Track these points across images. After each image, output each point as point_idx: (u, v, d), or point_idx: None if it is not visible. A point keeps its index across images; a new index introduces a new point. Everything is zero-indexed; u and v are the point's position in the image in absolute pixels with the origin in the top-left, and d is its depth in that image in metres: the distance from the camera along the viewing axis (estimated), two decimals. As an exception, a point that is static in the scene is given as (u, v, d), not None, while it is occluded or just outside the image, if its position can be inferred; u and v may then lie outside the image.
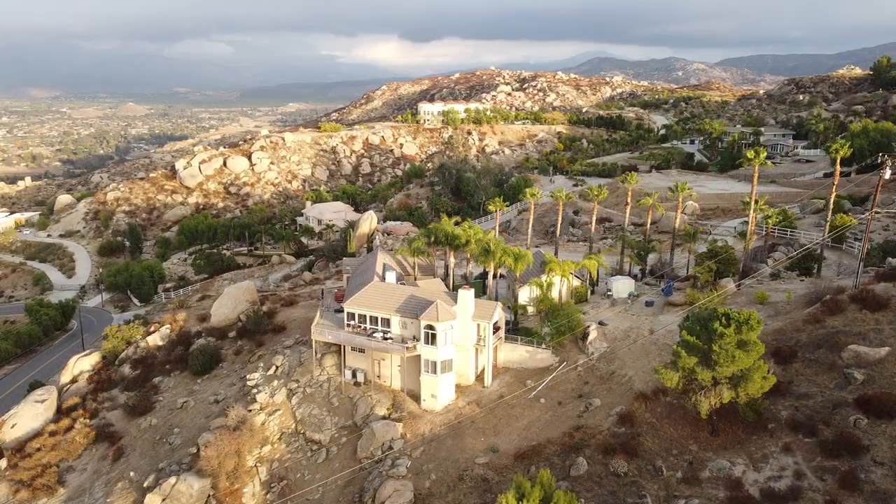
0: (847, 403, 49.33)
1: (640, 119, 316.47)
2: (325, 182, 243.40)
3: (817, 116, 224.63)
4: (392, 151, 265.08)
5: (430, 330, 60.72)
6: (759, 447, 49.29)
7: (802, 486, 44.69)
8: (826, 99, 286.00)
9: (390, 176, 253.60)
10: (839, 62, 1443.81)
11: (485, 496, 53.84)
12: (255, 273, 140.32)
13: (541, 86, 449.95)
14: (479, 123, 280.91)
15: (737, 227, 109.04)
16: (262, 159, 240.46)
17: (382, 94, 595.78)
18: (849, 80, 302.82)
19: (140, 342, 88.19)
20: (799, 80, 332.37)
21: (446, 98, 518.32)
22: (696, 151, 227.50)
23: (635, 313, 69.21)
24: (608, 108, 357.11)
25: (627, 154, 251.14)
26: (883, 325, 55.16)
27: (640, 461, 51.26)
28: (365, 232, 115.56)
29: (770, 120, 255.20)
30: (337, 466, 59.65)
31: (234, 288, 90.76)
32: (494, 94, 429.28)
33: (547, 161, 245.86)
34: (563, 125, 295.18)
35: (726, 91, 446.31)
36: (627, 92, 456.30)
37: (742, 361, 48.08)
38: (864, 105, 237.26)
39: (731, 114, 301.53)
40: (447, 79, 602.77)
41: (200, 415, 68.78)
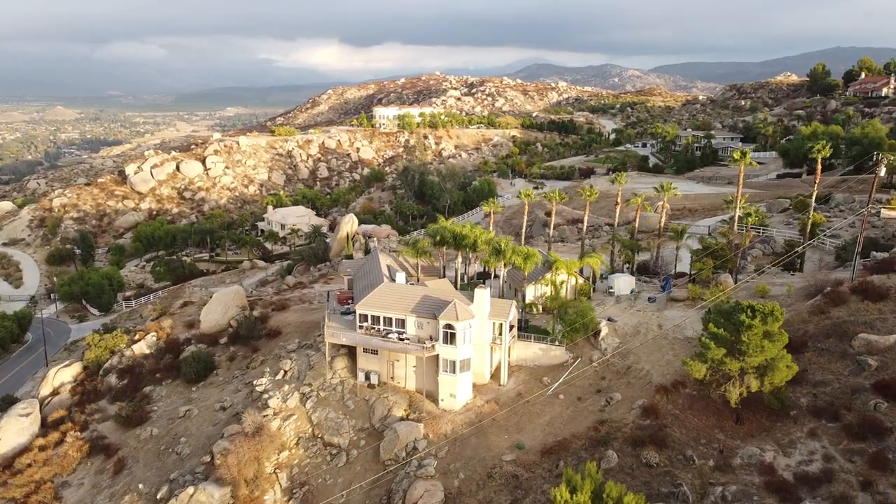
0: (865, 389, 51.81)
1: (591, 123, 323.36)
2: (283, 186, 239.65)
3: (764, 121, 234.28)
4: (349, 155, 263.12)
5: (449, 329, 60.73)
6: (784, 433, 51.25)
7: (834, 468, 46.72)
8: (766, 104, 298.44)
9: (348, 180, 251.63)
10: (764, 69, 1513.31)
11: (515, 493, 54.22)
12: (226, 279, 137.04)
13: (489, 91, 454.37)
14: (434, 127, 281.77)
15: (711, 226, 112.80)
16: (217, 164, 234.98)
17: (328, 99, 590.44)
18: (786, 86, 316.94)
19: (125, 351, 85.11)
20: (740, 86, 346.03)
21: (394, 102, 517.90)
22: (649, 154, 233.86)
23: (640, 309, 70.84)
24: (557, 112, 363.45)
25: (582, 157, 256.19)
26: (886, 315, 58.17)
27: (670, 452, 52.56)
28: (345, 235, 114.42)
29: (717, 124, 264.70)
30: (359, 470, 58.95)
31: (223, 293, 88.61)
32: (444, 98, 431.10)
33: (505, 164, 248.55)
34: (516, 129, 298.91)
35: (668, 97, 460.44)
36: (573, 97, 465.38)
37: (769, 351, 49.99)
38: (805, 110, 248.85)
39: (677, 118, 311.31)
40: (393, 83, 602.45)
41: (206, 423, 66.86)
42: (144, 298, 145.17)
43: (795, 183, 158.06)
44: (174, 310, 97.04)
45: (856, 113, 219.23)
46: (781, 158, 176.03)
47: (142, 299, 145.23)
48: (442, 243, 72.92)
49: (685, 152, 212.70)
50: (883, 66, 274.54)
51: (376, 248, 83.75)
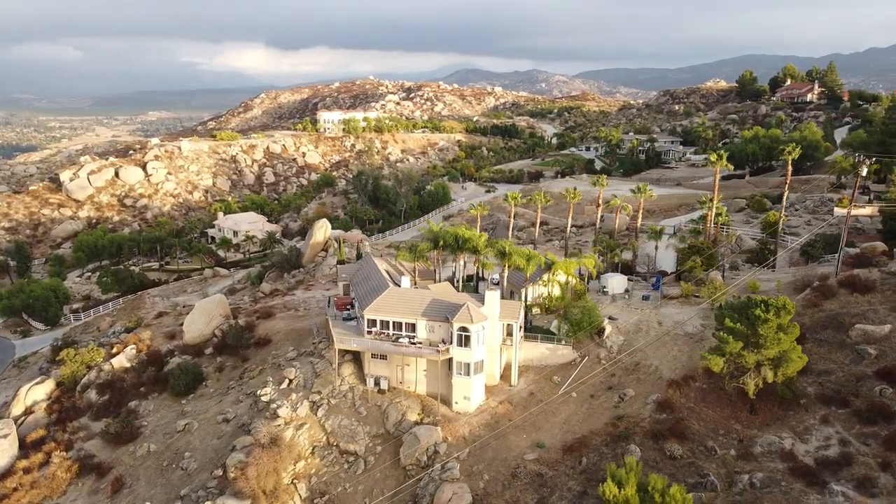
0: (868, 376, 55.09)
1: (532, 128, 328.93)
2: (229, 192, 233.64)
3: (702, 125, 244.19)
4: (295, 160, 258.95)
5: (463, 332, 60.97)
6: (799, 421, 53.91)
7: (851, 451, 49.48)
8: (698, 108, 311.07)
9: (296, 185, 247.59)
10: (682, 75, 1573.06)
11: (541, 491, 54.98)
12: (187, 288, 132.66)
13: (427, 95, 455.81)
14: (380, 132, 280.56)
15: (676, 226, 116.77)
16: (159, 169, 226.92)
17: (262, 103, 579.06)
18: (716, 91, 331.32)
19: (103, 365, 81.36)
20: (673, 91, 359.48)
21: (331, 107, 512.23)
22: (594, 158, 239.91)
23: (638, 307, 72.92)
24: (497, 117, 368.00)
25: (528, 161, 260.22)
26: (876, 306, 61.97)
27: (692, 443, 54.46)
28: (319, 241, 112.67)
29: (655, 128, 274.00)
30: (379, 476, 58.43)
31: (206, 302, 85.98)
32: (384, 103, 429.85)
33: (453, 168, 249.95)
34: (461, 134, 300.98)
35: (601, 102, 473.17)
36: (510, 102, 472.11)
37: (784, 343, 52.50)
38: (738, 114, 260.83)
39: (614, 123, 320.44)
40: (328, 87, 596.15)
41: (210, 436, 64.78)
42: (94, 311, 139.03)
43: (741, 184, 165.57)
44: (150, 321, 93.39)
45: (787, 117, 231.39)
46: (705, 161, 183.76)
47: (91, 312, 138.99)
48: (443, 246, 73.04)
49: (631, 155, 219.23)
50: (805, 73, 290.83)
51: (369, 252, 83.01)
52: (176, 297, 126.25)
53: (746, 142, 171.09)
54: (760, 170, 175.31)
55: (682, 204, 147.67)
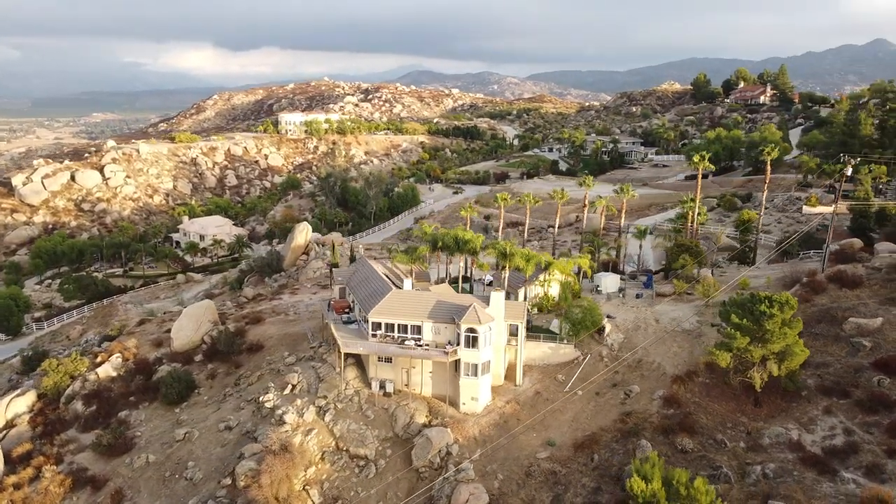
0: (865, 367, 57.41)
1: (493, 129, 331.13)
2: (190, 196, 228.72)
3: (662, 126, 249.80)
4: (257, 162, 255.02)
5: (471, 333, 61.20)
6: (802, 413, 55.82)
7: (856, 440, 51.50)
8: (655, 110, 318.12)
9: (259, 188, 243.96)
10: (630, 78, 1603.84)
11: (556, 488, 55.64)
12: (160, 293, 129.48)
13: (385, 97, 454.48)
14: (343, 134, 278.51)
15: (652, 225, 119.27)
16: (117, 173, 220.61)
17: (214, 104, 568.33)
18: (671, 93, 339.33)
19: (88, 375, 78.96)
20: (630, 93, 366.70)
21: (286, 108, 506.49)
22: (558, 159, 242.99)
23: (634, 305, 74.35)
24: (458, 119, 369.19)
25: (492, 162, 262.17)
26: (865, 300, 64.61)
27: (701, 437, 55.86)
28: (300, 244, 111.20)
29: (615, 129, 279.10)
30: (391, 479, 58.20)
31: (194, 308, 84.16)
32: (342, 104, 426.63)
33: (418, 170, 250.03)
34: (423, 135, 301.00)
35: (558, 103, 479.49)
36: (468, 104, 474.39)
37: (789, 337, 54.32)
38: (695, 116, 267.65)
39: (574, 124, 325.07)
40: (282, 89, 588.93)
41: (213, 444, 63.46)
42: (59, 319, 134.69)
43: (707, 183, 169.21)
44: (132, 328, 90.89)
45: (744, 118, 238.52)
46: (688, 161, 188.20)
47: (55, 320, 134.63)
48: (442, 248, 73.18)
49: (595, 156, 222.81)
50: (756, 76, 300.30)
51: (363, 255, 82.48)
52: (149, 303, 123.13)
53: (709, 143, 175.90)
54: (723, 170, 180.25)
55: (652, 204, 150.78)
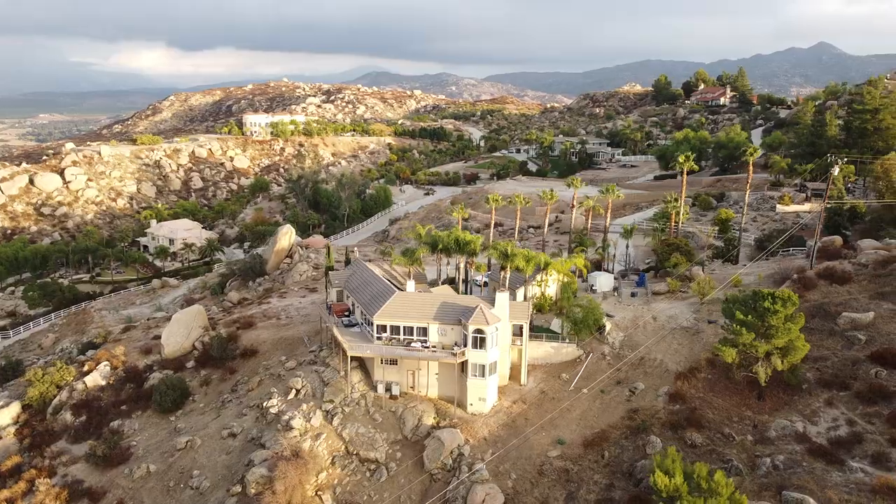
0: (862, 360, 59.48)
1: (459, 130, 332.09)
2: (155, 199, 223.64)
3: (628, 127, 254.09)
4: (223, 165, 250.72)
5: (479, 334, 61.42)
6: (805, 405, 57.55)
7: (859, 431, 53.34)
8: (618, 111, 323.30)
9: (225, 191, 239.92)
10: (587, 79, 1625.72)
11: (568, 486, 56.24)
12: (136, 299, 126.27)
13: (348, 98, 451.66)
14: (309, 135, 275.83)
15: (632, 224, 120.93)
16: (78, 176, 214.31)
17: (171, 105, 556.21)
18: (633, 95, 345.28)
19: (76, 384, 76.69)
20: (593, 94, 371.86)
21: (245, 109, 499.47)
22: (527, 160, 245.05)
23: (630, 304, 75.55)
24: (422, 120, 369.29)
25: (461, 163, 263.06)
26: (856, 295, 66.95)
27: (709, 431, 57.11)
28: (284, 247, 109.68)
29: (581, 130, 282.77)
30: (403, 482, 58.04)
31: (184, 314, 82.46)
32: (304, 105, 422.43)
33: (387, 171, 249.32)
34: (390, 137, 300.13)
35: (520, 105, 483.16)
36: (431, 105, 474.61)
37: (793, 332, 55.96)
38: (658, 117, 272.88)
39: (538, 125, 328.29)
40: (240, 90, 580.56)
41: (217, 452, 62.36)
42: (25, 327, 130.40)
43: (676, 183, 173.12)
44: (117, 335, 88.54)
45: (708, 120, 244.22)
46: (658, 161, 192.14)
47: (21, 329, 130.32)
48: (442, 250, 73.27)
49: (564, 157, 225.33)
50: (716, 78, 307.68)
51: (358, 258, 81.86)
52: (125, 309, 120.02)
53: (678, 143, 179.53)
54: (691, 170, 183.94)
55: (627, 203, 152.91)
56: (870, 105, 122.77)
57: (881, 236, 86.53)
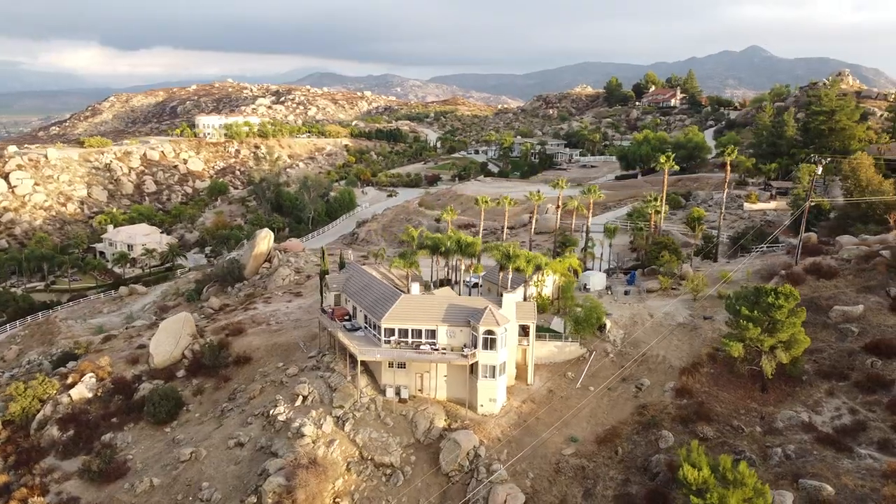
0: (857, 351, 62.15)
1: (415, 132, 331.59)
2: (107, 203, 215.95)
3: (585, 128, 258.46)
4: (176, 167, 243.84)
5: (489, 335, 61.69)
6: (807, 396, 59.79)
7: (861, 419, 55.74)
8: (571, 113, 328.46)
9: (180, 194, 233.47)
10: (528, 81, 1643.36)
11: (585, 483, 57.08)
12: (104, 308, 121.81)
13: (299, 99, 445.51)
14: (265, 137, 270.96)
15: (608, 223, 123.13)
16: (24, 180, 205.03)
17: (111, 106, 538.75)
18: (585, 96, 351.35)
19: (60, 398, 73.67)
20: (546, 96, 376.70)
21: (191, 111, 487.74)
22: (487, 161, 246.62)
23: (625, 302, 76.98)
24: (376, 121, 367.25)
25: (420, 164, 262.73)
26: (843, 289, 69.88)
27: (718, 424, 58.73)
28: (263, 251, 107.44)
29: (537, 132, 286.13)
30: (420, 486, 57.83)
31: (172, 322, 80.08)
32: (254, 107, 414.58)
33: (346, 173, 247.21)
34: (346, 138, 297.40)
35: (472, 106, 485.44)
36: (383, 107, 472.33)
37: (796, 326, 58.09)
38: (612, 118, 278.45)
39: (493, 127, 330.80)
40: (184, 90, 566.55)
41: (225, 462, 60.80)
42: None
43: (639, 182, 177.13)
44: (98, 346, 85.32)
45: (662, 121, 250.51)
46: (619, 161, 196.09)
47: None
48: (443, 252, 73.25)
49: (525, 158, 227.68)
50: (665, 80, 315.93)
51: (350, 262, 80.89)
52: (92, 318, 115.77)
53: (638, 144, 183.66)
54: (651, 169, 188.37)
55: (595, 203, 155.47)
56: (826, 107, 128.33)
57: (850, 232, 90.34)
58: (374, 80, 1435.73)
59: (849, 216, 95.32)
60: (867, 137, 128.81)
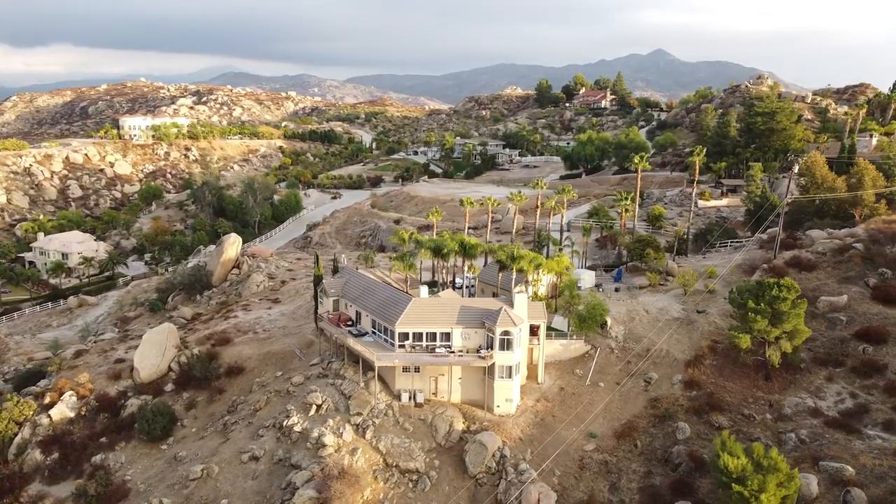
0: (848, 339, 66.01)
1: (349, 133, 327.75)
2: (28, 209, 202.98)
3: (523, 128, 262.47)
4: (103, 171, 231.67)
5: (506, 336, 61.94)
6: (808, 383, 63.07)
7: (862, 402, 59.30)
8: (503, 114, 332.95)
9: (109, 199, 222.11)
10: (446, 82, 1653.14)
11: (610, 477, 58.33)
12: (52, 321, 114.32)
13: (222, 100, 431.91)
14: (195, 138, 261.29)
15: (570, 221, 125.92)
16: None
17: (14, 107, 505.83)
18: (515, 97, 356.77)
19: (39, 419, 68.82)
20: (478, 97, 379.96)
21: (105, 111, 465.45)
22: (428, 162, 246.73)
23: (620, 298, 78.83)
24: (306, 122, 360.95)
25: (360, 166, 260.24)
26: (824, 280, 74.04)
27: (730, 413, 61.16)
28: (231, 257, 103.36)
29: (474, 132, 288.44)
30: (448, 490, 57.45)
31: (156, 333, 76.14)
32: (176, 107, 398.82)
33: (285, 175, 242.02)
34: (280, 139, 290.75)
35: (401, 107, 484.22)
36: (310, 107, 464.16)
37: (800, 317, 61.20)
38: (546, 119, 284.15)
39: (427, 127, 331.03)
40: (94, 90, 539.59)
41: (241, 477, 58.41)
42: None
43: (587, 182, 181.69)
44: (70, 361, 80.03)
45: (596, 122, 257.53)
46: (564, 161, 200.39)
47: None
48: (444, 254, 72.87)
49: (467, 159, 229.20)
50: (593, 82, 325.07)
51: (345, 267, 78.99)
52: (41, 332, 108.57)
53: (583, 144, 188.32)
54: (594, 169, 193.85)
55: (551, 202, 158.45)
56: (768, 108, 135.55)
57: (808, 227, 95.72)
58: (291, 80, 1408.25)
59: (804, 212, 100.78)
60: (805, 137, 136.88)
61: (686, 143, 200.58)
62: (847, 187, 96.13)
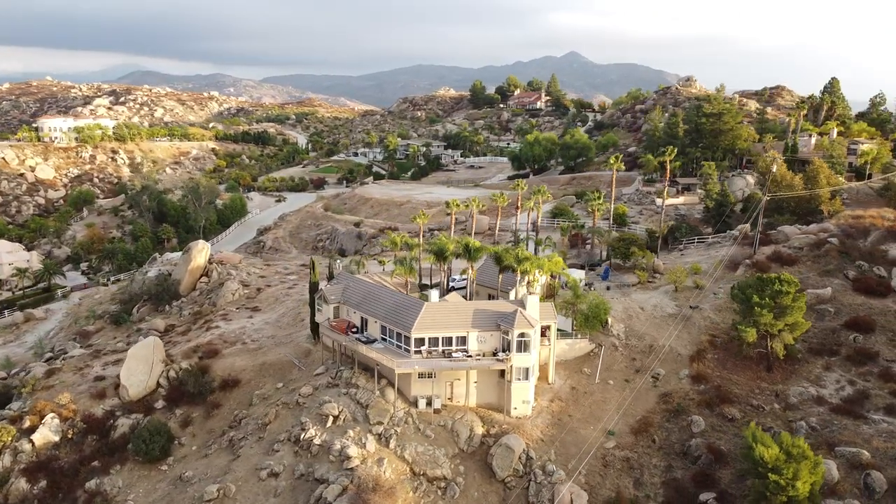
0: (838, 329, 69.45)
1: (282, 134, 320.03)
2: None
3: (465, 129, 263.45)
4: (23, 176, 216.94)
5: (523, 337, 61.94)
6: (808, 372, 65.98)
7: (861, 388, 62.56)
8: (437, 115, 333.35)
9: (32, 205, 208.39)
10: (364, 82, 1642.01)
11: (633, 473, 59.30)
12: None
13: (142, 100, 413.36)
14: (122, 141, 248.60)
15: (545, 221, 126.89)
16: None
17: None
18: (449, 98, 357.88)
19: (20, 445, 63.77)
20: (412, 98, 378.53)
21: (9, 112, 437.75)
22: (371, 163, 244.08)
23: (613, 297, 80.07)
24: (234, 123, 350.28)
25: (299, 168, 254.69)
26: (806, 274, 77.68)
27: (740, 405, 63.26)
28: (200, 265, 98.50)
29: (413, 133, 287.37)
30: (477, 495, 56.94)
31: (141, 348, 71.88)
32: (92, 108, 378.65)
33: (221, 178, 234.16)
34: (212, 141, 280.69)
35: (331, 108, 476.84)
36: (235, 108, 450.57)
37: (802, 310, 63.97)
38: (484, 120, 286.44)
39: (363, 128, 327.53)
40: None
41: (262, 495, 55.85)
42: None
43: (535, 181, 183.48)
44: (44, 381, 74.40)
45: (534, 122, 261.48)
46: (511, 162, 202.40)
47: None
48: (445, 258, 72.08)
49: (411, 160, 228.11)
50: (526, 83, 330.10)
51: (340, 272, 76.71)
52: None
53: (530, 145, 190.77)
54: (541, 169, 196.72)
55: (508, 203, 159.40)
56: (715, 109, 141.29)
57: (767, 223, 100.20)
58: (205, 79, 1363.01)
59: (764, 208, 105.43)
60: (751, 137, 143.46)
61: (626, 143, 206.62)
62: (804, 185, 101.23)
